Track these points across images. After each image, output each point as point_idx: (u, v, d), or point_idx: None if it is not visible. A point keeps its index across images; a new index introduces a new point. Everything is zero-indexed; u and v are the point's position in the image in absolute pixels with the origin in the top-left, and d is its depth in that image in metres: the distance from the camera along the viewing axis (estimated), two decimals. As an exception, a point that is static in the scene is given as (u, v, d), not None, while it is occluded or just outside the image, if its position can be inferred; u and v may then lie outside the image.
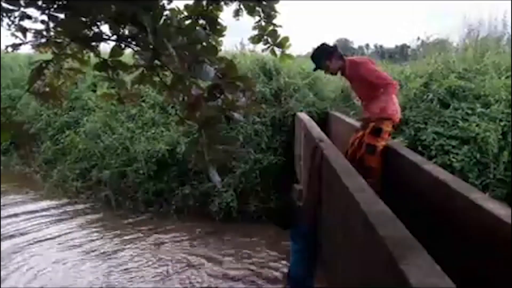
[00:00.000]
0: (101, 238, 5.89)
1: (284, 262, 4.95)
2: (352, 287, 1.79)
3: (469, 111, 5.78)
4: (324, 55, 3.58)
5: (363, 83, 3.48)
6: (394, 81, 3.42)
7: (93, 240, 5.80)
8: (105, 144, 7.54)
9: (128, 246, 5.60)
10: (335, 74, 3.76)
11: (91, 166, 7.69)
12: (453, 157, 5.44)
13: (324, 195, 2.70)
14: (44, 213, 6.86)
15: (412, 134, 5.89)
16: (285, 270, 4.74)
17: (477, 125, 5.52)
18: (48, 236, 5.92)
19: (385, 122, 3.36)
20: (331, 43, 3.76)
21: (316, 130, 3.99)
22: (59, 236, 5.94)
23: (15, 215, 6.68)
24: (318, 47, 3.65)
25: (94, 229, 6.21)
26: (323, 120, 6.55)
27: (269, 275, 4.82)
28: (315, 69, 3.78)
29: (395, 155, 3.08)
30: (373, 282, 1.40)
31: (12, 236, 5.85)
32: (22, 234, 5.96)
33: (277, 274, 4.80)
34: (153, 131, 7.37)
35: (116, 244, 5.67)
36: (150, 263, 5.11)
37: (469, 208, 1.83)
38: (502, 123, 5.54)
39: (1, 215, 6.25)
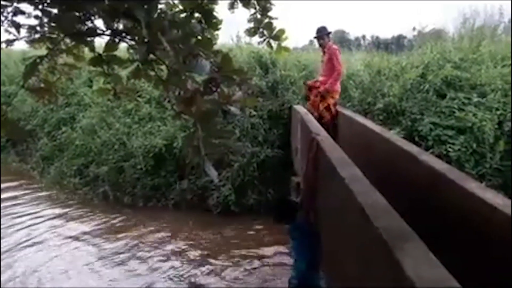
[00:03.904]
0: (100, 234, 5.91)
1: (283, 254, 4.99)
2: (350, 277, 1.81)
3: (466, 101, 5.79)
4: (326, 32, 5.59)
5: (328, 63, 5.46)
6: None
7: (92, 237, 5.82)
8: (102, 139, 7.52)
9: (126, 241, 5.62)
10: (322, 48, 5.62)
11: (89, 162, 7.66)
12: (450, 147, 5.46)
13: (321, 186, 2.71)
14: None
15: (408, 125, 5.90)
16: (285, 263, 4.79)
17: (473, 115, 5.54)
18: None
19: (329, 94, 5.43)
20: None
21: (312, 123, 4.00)
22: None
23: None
24: (323, 26, 5.59)
25: (92, 226, 6.22)
26: (320, 113, 6.54)
27: (269, 268, 4.85)
28: (315, 37, 5.65)
29: (391, 146, 3.09)
30: (370, 272, 1.42)
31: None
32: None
33: (277, 267, 4.83)
34: (149, 126, 7.36)
35: (115, 239, 5.69)
36: (148, 258, 5.14)
37: (465, 198, 1.85)
38: (498, 113, 5.56)
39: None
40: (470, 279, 1.46)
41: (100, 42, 1.78)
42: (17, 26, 1.69)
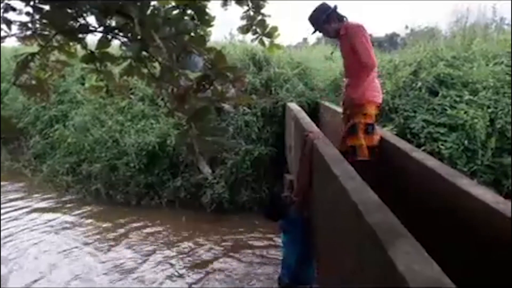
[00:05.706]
0: (94, 232, 5.88)
1: (276, 252, 5.00)
2: (343, 274, 1.82)
3: (457, 99, 5.83)
4: (322, 18, 3.26)
5: (351, 55, 3.20)
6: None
7: (86, 235, 5.80)
8: (95, 137, 7.48)
9: (121, 239, 5.60)
10: (334, 37, 3.42)
11: (81, 160, 7.62)
12: (442, 144, 5.50)
13: (315, 184, 2.72)
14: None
15: (401, 122, 5.93)
16: (277, 260, 4.80)
17: (465, 112, 5.58)
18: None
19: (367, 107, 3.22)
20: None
21: (306, 120, 4.00)
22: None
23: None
24: (317, 8, 3.31)
25: (85, 223, 6.19)
26: (313, 110, 6.57)
27: (262, 265, 4.86)
28: (313, 32, 3.39)
29: (384, 144, 3.11)
30: (363, 269, 1.42)
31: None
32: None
33: (270, 264, 4.85)
34: (143, 124, 7.33)
35: (109, 238, 5.67)
36: (144, 256, 5.13)
37: (456, 194, 1.86)
38: (489, 110, 5.61)
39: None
40: (462, 276, 1.47)
41: (92, 39, 1.77)
42: (8, 23, 1.67)
